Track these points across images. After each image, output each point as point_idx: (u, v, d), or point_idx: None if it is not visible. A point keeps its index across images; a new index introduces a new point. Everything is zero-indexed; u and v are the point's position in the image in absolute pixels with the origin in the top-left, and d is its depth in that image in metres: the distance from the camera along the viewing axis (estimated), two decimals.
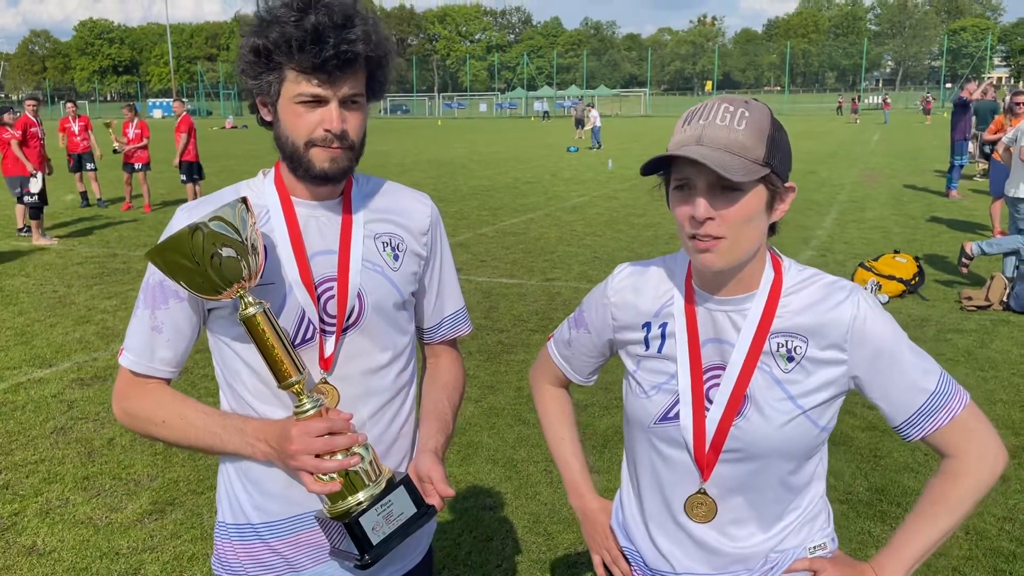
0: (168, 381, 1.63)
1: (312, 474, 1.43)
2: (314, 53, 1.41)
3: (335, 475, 1.44)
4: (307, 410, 1.45)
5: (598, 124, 29.84)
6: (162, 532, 3.78)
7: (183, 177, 14.61)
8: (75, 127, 14.90)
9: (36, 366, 6.15)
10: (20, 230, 11.82)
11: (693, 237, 1.35)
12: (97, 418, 5.13)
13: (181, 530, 3.79)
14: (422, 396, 1.77)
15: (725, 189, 1.32)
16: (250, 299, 1.44)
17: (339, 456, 1.43)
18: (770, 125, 1.35)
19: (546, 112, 65.31)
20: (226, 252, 1.39)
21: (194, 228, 1.38)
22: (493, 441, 4.71)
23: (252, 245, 1.42)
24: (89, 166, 15.06)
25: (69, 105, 15.27)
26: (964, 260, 7.68)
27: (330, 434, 1.43)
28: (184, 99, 17.23)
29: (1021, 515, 3.81)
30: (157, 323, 1.57)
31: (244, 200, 1.44)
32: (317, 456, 1.42)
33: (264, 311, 1.43)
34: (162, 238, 1.45)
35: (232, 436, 1.53)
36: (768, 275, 1.45)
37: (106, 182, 16.77)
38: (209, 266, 1.39)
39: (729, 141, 1.31)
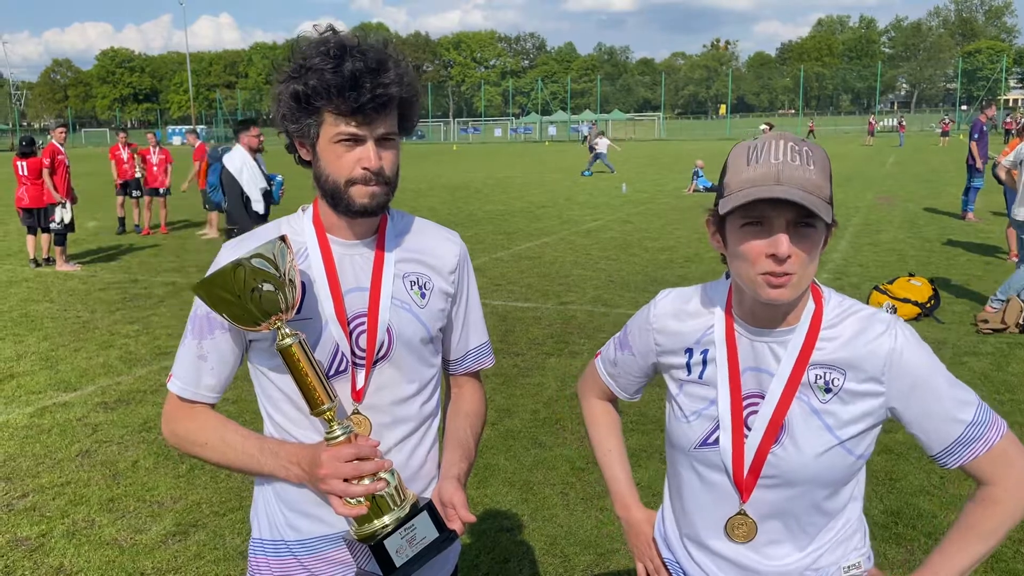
0: (213, 405, 1.72)
1: (340, 497, 1.51)
2: (352, 98, 1.50)
3: (362, 499, 1.51)
4: (337, 436, 1.53)
5: (603, 151, 29.54)
6: (186, 553, 3.85)
7: (208, 205, 14.91)
8: (124, 155, 15.19)
9: (61, 390, 6.27)
10: (32, 262, 11.88)
11: (764, 273, 1.37)
12: (121, 441, 5.22)
13: (204, 551, 3.86)
14: (446, 424, 1.85)
15: (800, 227, 1.36)
16: (287, 331, 1.52)
17: (366, 481, 1.51)
18: (829, 164, 1.41)
19: (585, 137, 64.42)
20: (265, 287, 1.48)
21: (236, 264, 1.47)
22: (510, 464, 4.76)
23: (290, 280, 1.51)
24: (135, 193, 15.36)
25: (121, 134, 15.65)
26: (992, 307, 7.55)
27: (358, 459, 1.51)
28: (197, 129, 17.83)
29: None
30: (203, 352, 1.66)
31: (283, 238, 1.54)
32: (345, 480, 1.50)
33: (299, 342, 1.52)
34: (208, 272, 1.55)
35: (268, 459, 1.62)
36: (809, 307, 1.49)
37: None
38: (249, 300, 1.48)
39: (805, 181, 1.34)
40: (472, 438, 1.81)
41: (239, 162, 7.65)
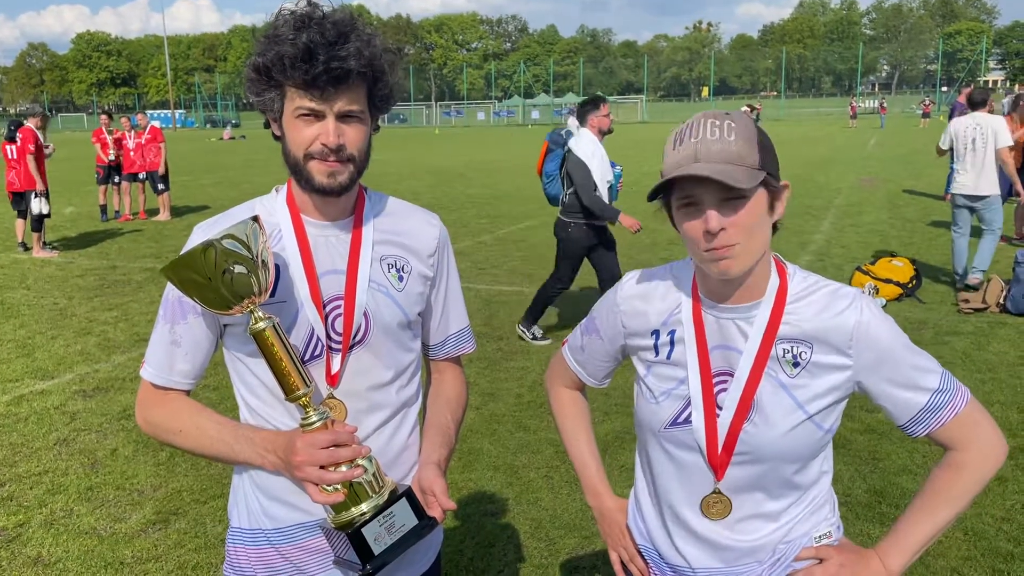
0: (188, 392, 1.68)
1: (317, 485, 1.47)
2: (304, 70, 1.45)
3: (339, 486, 1.47)
4: (313, 422, 1.49)
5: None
6: (166, 542, 3.80)
7: (161, 187, 14.94)
8: (109, 139, 14.91)
9: (38, 378, 6.18)
10: (21, 245, 11.81)
11: (708, 250, 1.39)
12: (100, 429, 5.15)
13: (185, 539, 3.81)
14: (426, 409, 1.81)
15: (731, 199, 1.37)
16: (260, 314, 1.48)
17: (343, 468, 1.47)
18: (756, 131, 1.42)
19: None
20: (237, 269, 1.44)
21: (207, 246, 1.42)
22: (494, 448, 4.74)
23: (263, 261, 1.46)
24: (116, 179, 15.13)
25: (103, 118, 15.36)
26: (971, 284, 7.90)
27: (335, 446, 1.47)
28: (147, 111, 17.67)
29: (1019, 516, 3.83)
30: (176, 337, 1.62)
31: (256, 219, 1.49)
32: (322, 467, 1.46)
33: (273, 326, 1.48)
34: (183, 252, 1.52)
35: (243, 446, 1.58)
36: (773, 282, 1.49)
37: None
38: (221, 282, 1.44)
39: (725, 153, 1.36)
40: (452, 423, 1.78)
41: (590, 147, 6.46)
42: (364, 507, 1.49)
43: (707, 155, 1.36)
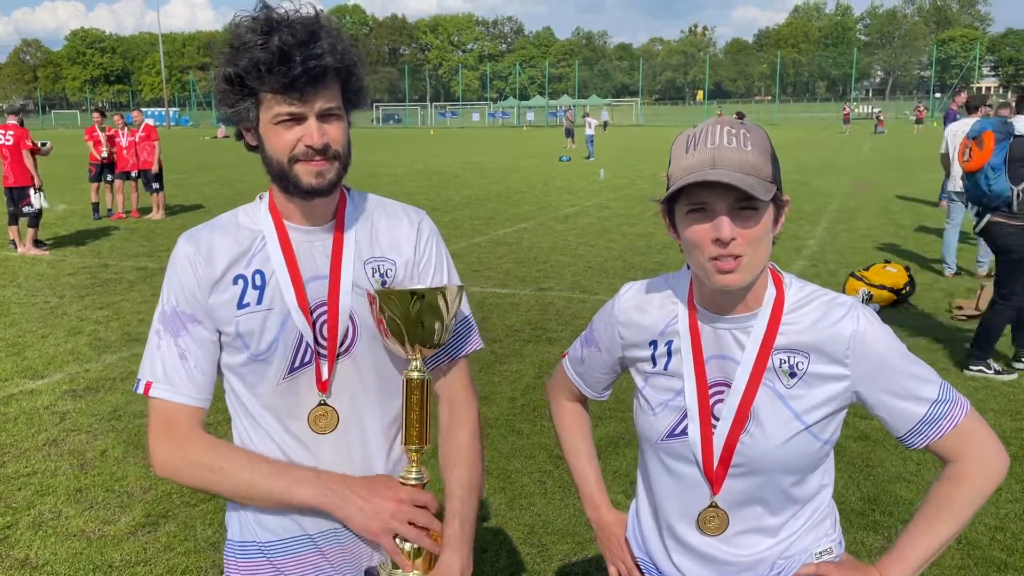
0: (205, 412, 1.59)
1: (388, 536, 1.51)
2: (282, 73, 1.42)
3: (407, 547, 1.53)
4: (412, 480, 1.56)
5: (591, 131, 28.57)
6: (155, 545, 3.76)
7: (156, 186, 14.90)
8: (102, 136, 14.81)
9: (28, 377, 6.13)
10: (12, 243, 11.73)
11: (714, 259, 1.36)
12: (90, 430, 5.11)
13: (174, 543, 3.78)
14: (444, 470, 1.67)
15: (743, 209, 1.35)
16: (419, 364, 1.57)
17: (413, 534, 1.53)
18: (770, 144, 1.40)
19: (606, 122, 53.91)
20: (427, 322, 1.53)
21: (416, 294, 1.51)
22: (487, 452, 4.72)
23: (447, 325, 1.56)
24: (109, 177, 15.04)
25: (96, 115, 15.28)
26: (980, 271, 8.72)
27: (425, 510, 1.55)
28: (142, 108, 17.63)
29: (1012, 525, 3.83)
30: (182, 350, 1.56)
31: (459, 288, 1.58)
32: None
33: (424, 380, 1.57)
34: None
35: (302, 487, 1.52)
36: (770, 293, 1.48)
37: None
38: (413, 325, 1.53)
39: (743, 162, 1.34)
40: (469, 501, 1.63)
41: None
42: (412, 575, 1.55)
43: (725, 162, 1.33)
